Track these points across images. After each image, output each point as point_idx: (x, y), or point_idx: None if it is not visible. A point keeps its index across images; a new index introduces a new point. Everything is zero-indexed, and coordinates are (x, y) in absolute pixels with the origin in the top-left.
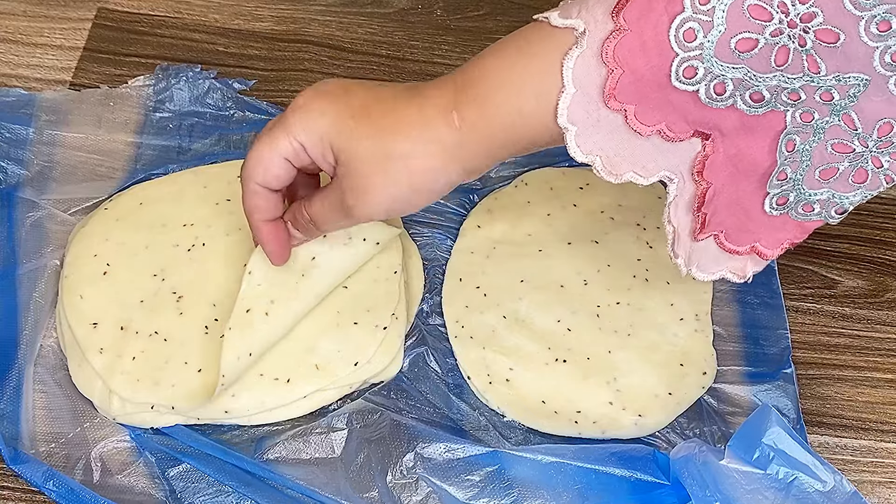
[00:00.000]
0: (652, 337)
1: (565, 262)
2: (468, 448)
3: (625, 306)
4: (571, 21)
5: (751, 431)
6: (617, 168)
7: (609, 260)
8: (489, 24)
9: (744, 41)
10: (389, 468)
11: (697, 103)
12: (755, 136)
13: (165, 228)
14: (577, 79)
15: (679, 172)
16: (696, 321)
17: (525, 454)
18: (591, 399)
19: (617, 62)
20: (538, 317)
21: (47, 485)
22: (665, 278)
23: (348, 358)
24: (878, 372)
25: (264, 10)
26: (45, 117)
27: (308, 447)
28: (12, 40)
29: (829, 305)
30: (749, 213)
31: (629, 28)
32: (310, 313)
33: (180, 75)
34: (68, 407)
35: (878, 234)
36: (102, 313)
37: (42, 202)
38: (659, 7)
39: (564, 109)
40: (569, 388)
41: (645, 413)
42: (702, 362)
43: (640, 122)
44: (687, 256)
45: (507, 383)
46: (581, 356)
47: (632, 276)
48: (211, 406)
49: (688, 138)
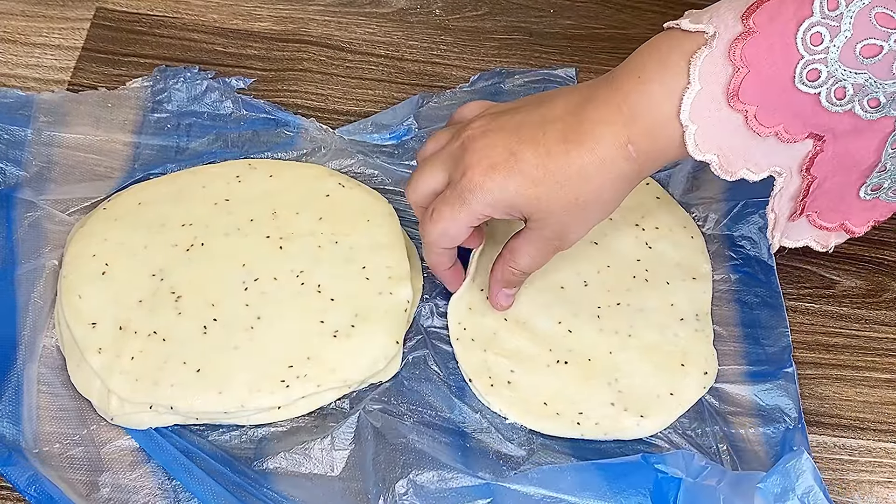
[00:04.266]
0: (652, 337)
1: (565, 264)
2: (461, 478)
3: (625, 307)
4: (702, 26)
5: (783, 477)
6: (732, 166)
7: (608, 261)
8: (488, 24)
9: (868, 47)
10: (383, 493)
11: (816, 106)
12: (864, 138)
13: (164, 228)
14: (703, 76)
15: (788, 168)
16: (697, 321)
17: (519, 487)
18: (593, 400)
19: (743, 61)
20: (539, 319)
21: (29, 490)
22: (664, 278)
23: (347, 359)
24: (877, 372)
25: (263, 10)
26: (43, 118)
27: (308, 462)
28: (10, 40)
29: (827, 305)
30: (843, 197)
31: (758, 30)
32: (309, 315)
33: (178, 76)
34: (74, 408)
35: (876, 234)
36: (101, 313)
37: (40, 202)
38: (788, 11)
39: (688, 106)
40: (571, 390)
41: (647, 414)
42: (703, 362)
43: (760, 123)
44: (780, 235)
45: (509, 385)
46: (582, 357)
47: (631, 276)
48: (210, 406)
49: (802, 139)
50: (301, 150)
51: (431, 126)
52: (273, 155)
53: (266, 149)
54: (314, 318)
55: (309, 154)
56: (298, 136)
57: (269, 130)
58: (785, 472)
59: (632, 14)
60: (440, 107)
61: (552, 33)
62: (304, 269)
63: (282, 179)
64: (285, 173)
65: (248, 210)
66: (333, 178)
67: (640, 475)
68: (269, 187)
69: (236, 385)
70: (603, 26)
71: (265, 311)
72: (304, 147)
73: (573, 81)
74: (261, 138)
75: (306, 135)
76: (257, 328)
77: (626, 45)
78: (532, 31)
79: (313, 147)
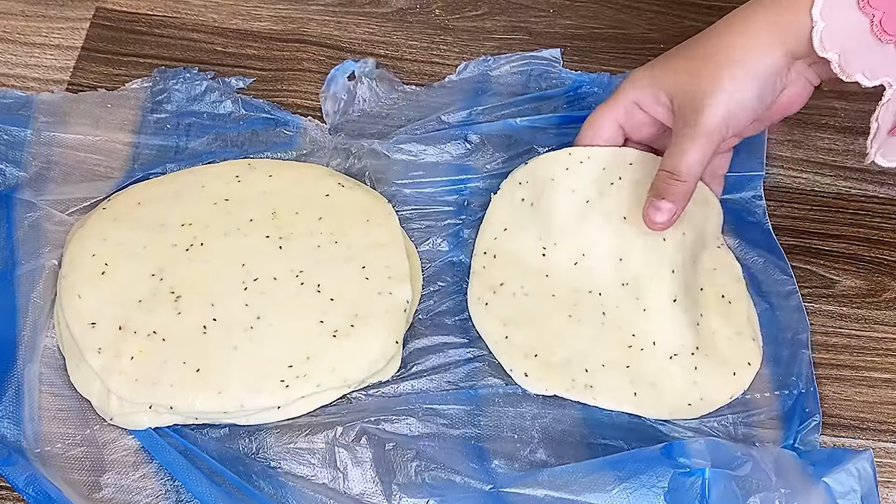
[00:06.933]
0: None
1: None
2: (469, 478)
3: None
4: None
5: (849, 476)
6: (850, 67)
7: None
8: (487, 24)
9: None
10: (384, 493)
11: None
12: None
13: (164, 228)
14: None
15: None
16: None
17: (528, 490)
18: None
19: None
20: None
21: (28, 490)
22: None
23: (347, 359)
24: (876, 371)
25: (262, 9)
26: (42, 118)
27: (308, 462)
28: (10, 40)
29: (827, 305)
30: None
31: None
32: (309, 315)
33: (178, 77)
34: (76, 408)
35: (876, 233)
36: (100, 313)
37: (40, 203)
38: None
39: (820, 3)
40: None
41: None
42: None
43: (884, 29)
44: (877, 147)
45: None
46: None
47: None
48: (209, 406)
49: None
50: (300, 149)
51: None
52: (272, 155)
53: (265, 149)
54: (314, 317)
55: (308, 154)
56: (298, 136)
57: (268, 130)
58: (850, 472)
59: (632, 14)
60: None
61: (552, 33)
62: (304, 269)
63: (281, 179)
64: (285, 173)
65: (248, 210)
66: (333, 178)
67: (655, 472)
68: (268, 187)
69: (236, 385)
70: (603, 26)
71: (265, 310)
72: (304, 147)
73: (558, 63)
74: (260, 138)
75: (306, 135)
76: (257, 328)
77: (626, 45)
78: (532, 31)
79: (313, 147)
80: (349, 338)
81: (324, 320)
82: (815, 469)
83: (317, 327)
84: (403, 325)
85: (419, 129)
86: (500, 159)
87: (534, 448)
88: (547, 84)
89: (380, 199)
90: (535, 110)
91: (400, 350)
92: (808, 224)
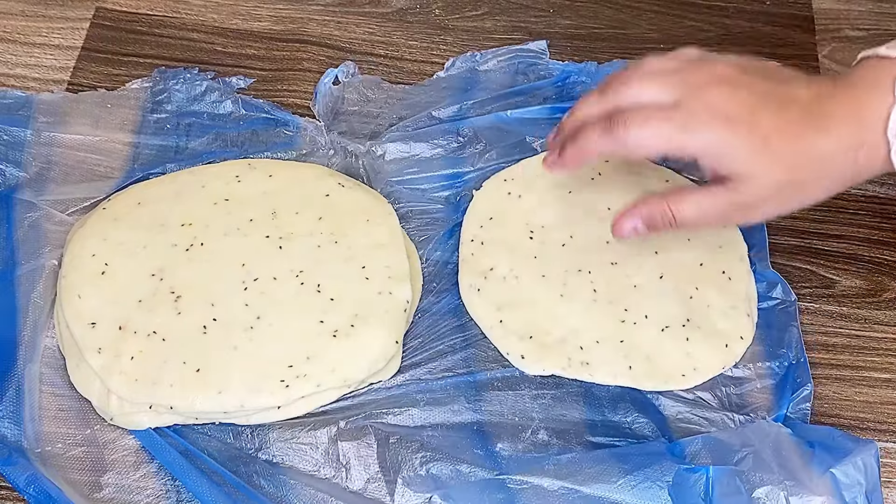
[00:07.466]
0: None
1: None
2: (475, 469)
3: None
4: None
5: (856, 469)
6: None
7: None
8: (487, 24)
9: None
10: (386, 492)
11: None
12: None
13: (164, 228)
14: None
15: None
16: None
17: (534, 479)
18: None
19: None
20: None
21: (28, 489)
22: None
23: (347, 359)
24: (876, 371)
25: (262, 9)
26: (42, 118)
27: (308, 461)
28: (10, 40)
29: (827, 305)
30: None
31: None
32: (309, 315)
33: (178, 77)
34: (77, 408)
35: (876, 233)
36: (100, 313)
37: (40, 203)
38: None
39: (894, 121)
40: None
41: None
42: None
43: None
44: None
45: None
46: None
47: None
48: (209, 406)
49: None
50: (300, 149)
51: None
52: (272, 155)
53: (265, 148)
54: (314, 317)
55: (308, 154)
56: (298, 136)
57: (268, 130)
58: (857, 466)
59: (631, 14)
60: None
61: (552, 33)
62: (304, 269)
63: (281, 179)
64: (285, 173)
65: (248, 210)
66: (333, 178)
67: (660, 467)
68: (268, 187)
69: (236, 385)
70: (603, 26)
71: (265, 310)
72: (304, 147)
73: (545, 55)
74: (260, 138)
75: (305, 135)
76: (257, 328)
77: (626, 45)
78: (532, 31)
79: (313, 147)
80: (349, 338)
81: (324, 320)
82: (814, 451)
83: (317, 327)
84: (403, 324)
85: (411, 125)
86: (493, 152)
87: (535, 429)
88: (535, 76)
89: (380, 198)
90: (524, 102)
91: (400, 350)
92: (808, 224)
